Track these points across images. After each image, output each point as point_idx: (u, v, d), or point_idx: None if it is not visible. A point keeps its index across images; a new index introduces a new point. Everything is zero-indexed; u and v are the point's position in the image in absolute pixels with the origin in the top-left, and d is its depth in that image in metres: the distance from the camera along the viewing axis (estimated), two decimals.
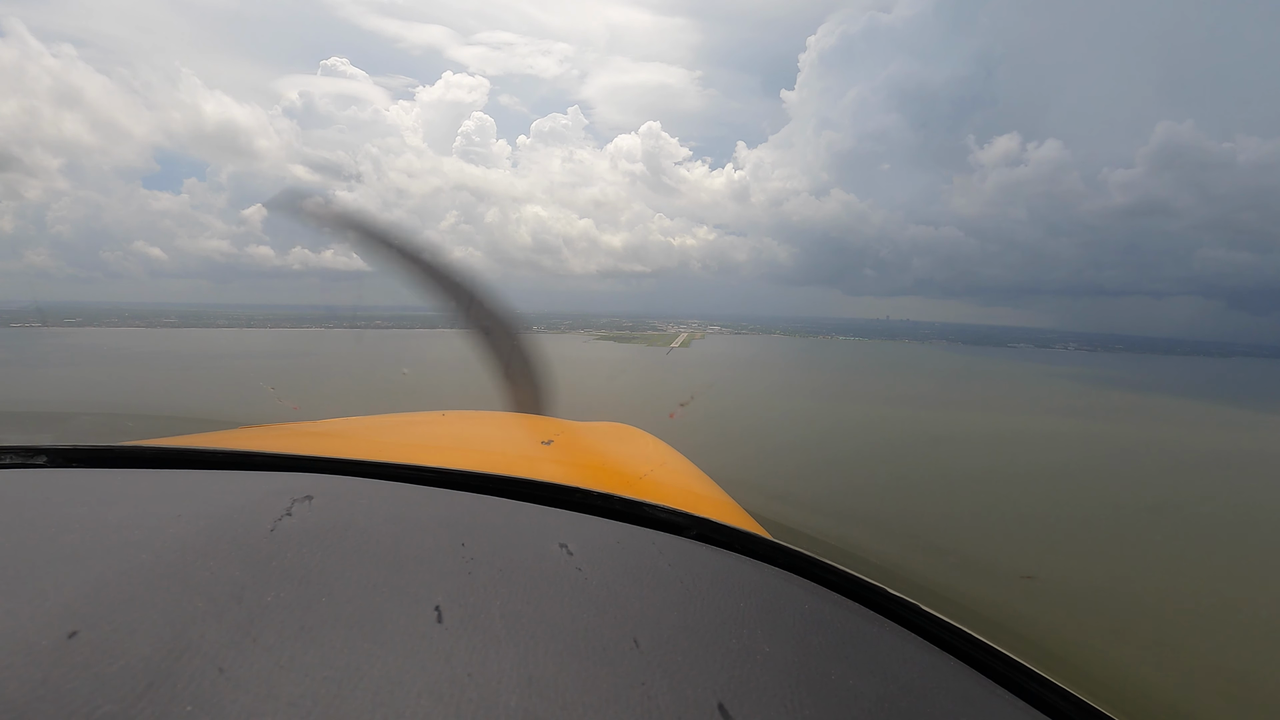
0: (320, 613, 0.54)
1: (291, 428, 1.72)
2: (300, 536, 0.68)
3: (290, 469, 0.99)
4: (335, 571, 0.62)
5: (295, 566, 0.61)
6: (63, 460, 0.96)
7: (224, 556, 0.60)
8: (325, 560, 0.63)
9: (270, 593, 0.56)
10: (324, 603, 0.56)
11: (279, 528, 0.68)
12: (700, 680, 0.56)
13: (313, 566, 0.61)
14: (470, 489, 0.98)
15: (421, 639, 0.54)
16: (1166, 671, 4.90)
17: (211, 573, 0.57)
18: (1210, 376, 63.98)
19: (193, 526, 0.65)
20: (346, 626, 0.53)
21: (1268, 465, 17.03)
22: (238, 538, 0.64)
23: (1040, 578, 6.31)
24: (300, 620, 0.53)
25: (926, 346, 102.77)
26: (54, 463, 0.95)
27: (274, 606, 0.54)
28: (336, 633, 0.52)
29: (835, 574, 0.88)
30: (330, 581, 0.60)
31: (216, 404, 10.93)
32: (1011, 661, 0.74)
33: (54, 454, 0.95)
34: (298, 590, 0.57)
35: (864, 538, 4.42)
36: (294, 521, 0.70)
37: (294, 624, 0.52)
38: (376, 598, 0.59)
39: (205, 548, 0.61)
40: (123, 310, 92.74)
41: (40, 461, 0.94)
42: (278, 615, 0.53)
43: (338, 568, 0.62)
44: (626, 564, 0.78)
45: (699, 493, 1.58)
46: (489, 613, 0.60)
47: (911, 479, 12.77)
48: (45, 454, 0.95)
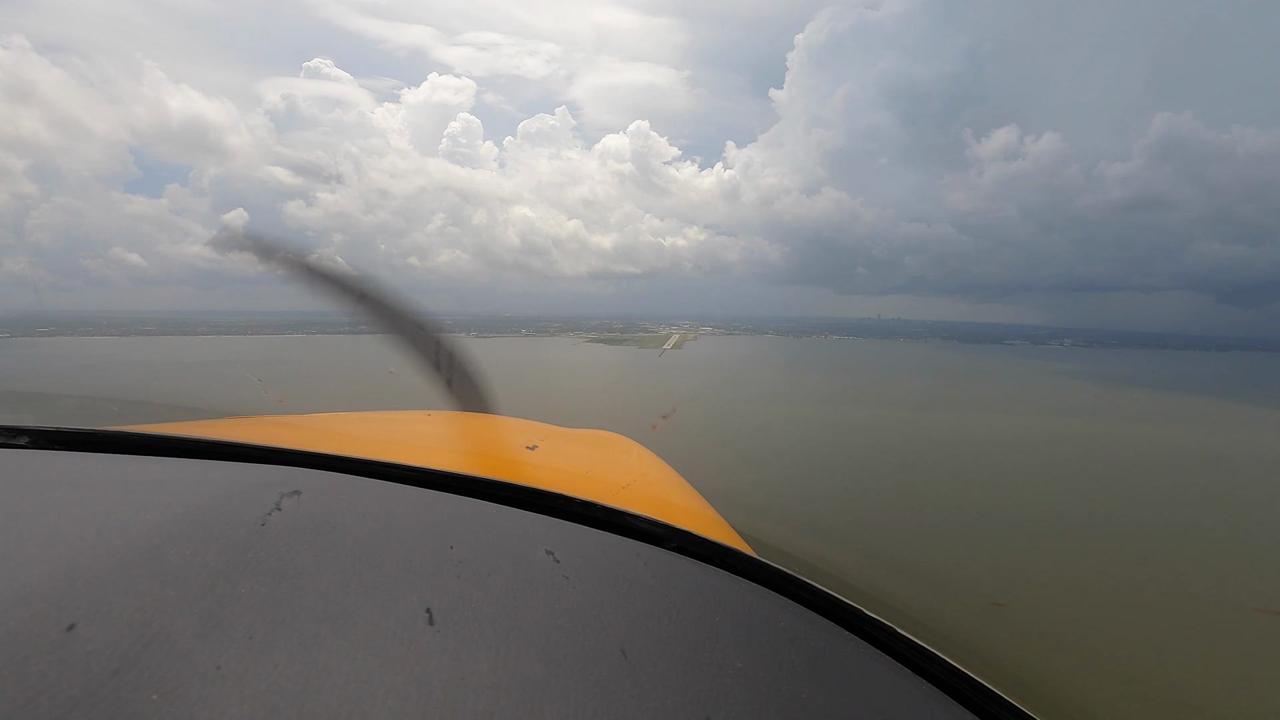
0: (294, 607, 0.54)
1: (278, 420, 1.71)
2: (283, 531, 0.66)
3: (276, 461, 0.98)
4: (314, 567, 0.61)
5: (273, 560, 0.60)
6: (45, 442, 0.95)
7: (201, 546, 0.59)
8: (305, 555, 0.62)
9: (244, 584, 0.55)
10: (300, 597, 0.55)
11: (269, 522, 0.67)
12: (677, 693, 0.56)
13: (290, 560, 0.61)
14: (458, 491, 0.98)
15: (398, 639, 0.53)
16: (1138, 705, 4.95)
17: (186, 561, 0.56)
18: (1223, 373, 63.43)
19: (171, 514, 0.65)
20: (321, 622, 0.53)
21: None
22: (216, 528, 0.63)
23: (1009, 605, 6.43)
24: (273, 614, 0.52)
25: (923, 345, 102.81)
26: (36, 444, 0.94)
27: (247, 598, 0.53)
28: (309, 628, 0.52)
29: (811, 592, 0.89)
30: (308, 576, 0.59)
31: (202, 396, 10.85)
32: (980, 686, 0.75)
33: (36, 435, 0.95)
34: (273, 584, 0.56)
35: (844, 556, 4.60)
36: (281, 516, 0.70)
37: (266, 617, 0.52)
38: (354, 595, 0.58)
39: (181, 536, 0.60)
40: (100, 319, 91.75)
41: (22, 442, 0.94)
42: (250, 607, 0.52)
43: (317, 563, 0.62)
44: (611, 574, 0.77)
45: (681, 504, 1.57)
46: (472, 616, 0.59)
47: (900, 491, 12.61)
48: (28, 434, 0.95)
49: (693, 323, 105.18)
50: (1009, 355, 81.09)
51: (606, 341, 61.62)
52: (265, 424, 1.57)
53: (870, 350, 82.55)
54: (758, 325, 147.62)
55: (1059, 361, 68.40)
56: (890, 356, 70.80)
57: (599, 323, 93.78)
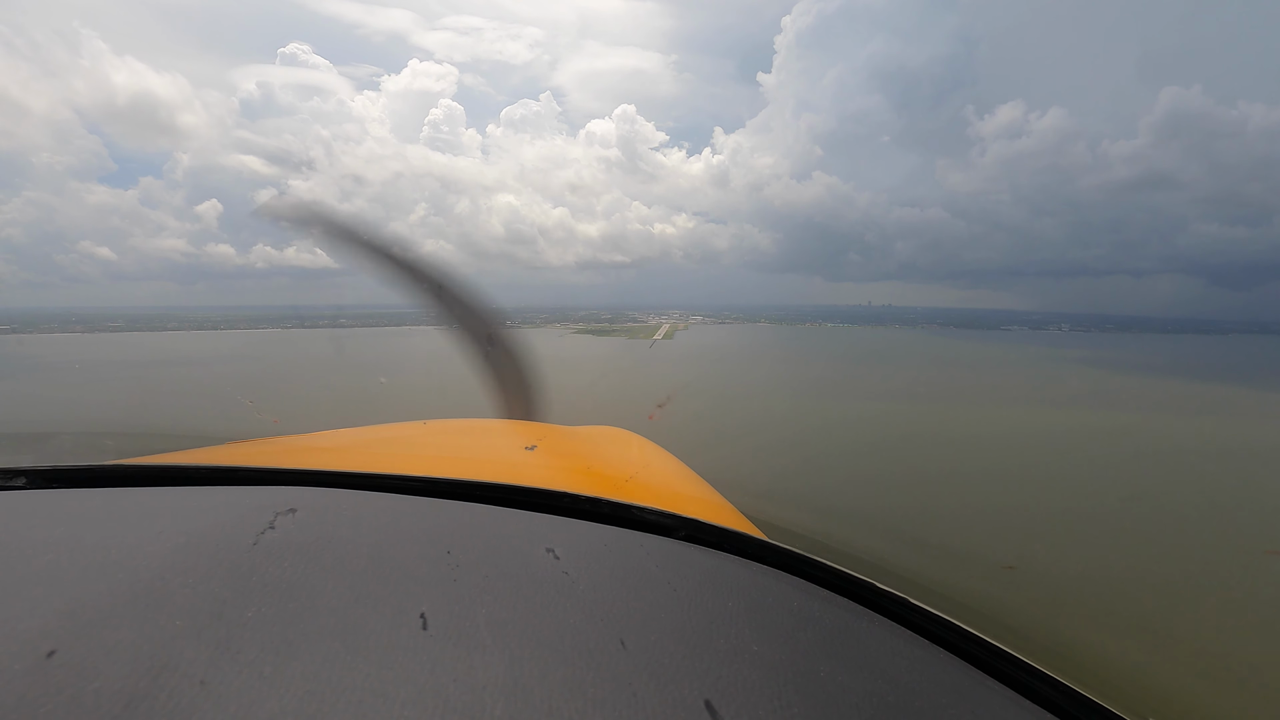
0: (302, 626, 0.55)
1: (274, 442, 1.72)
2: (283, 550, 0.67)
3: (273, 483, 0.99)
4: (318, 584, 0.62)
5: (277, 580, 0.61)
6: (42, 481, 0.96)
7: (204, 573, 0.61)
8: (308, 573, 0.64)
9: (251, 608, 0.56)
10: (306, 616, 0.57)
11: (261, 541, 0.68)
12: (687, 680, 0.57)
13: (295, 580, 0.62)
14: (456, 497, 0.99)
15: (406, 649, 0.54)
16: (1150, 655, 4.88)
17: (191, 590, 0.57)
18: (1238, 358, 62.83)
19: (172, 544, 0.66)
20: (329, 639, 0.54)
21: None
22: (219, 554, 0.65)
23: (1020, 567, 6.39)
24: (282, 634, 0.53)
25: (921, 331, 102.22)
26: (33, 484, 0.95)
27: (255, 622, 0.54)
28: (319, 645, 0.53)
29: (824, 570, 0.90)
30: (313, 594, 0.60)
31: (189, 418, 10.86)
32: (997, 650, 0.77)
33: (33, 475, 0.96)
34: (279, 604, 0.58)
35: (853, 533, 4.71)
36: (277, 535, 0.71)
37: (275, 638, 0.53)
38: (360, 609, 0.59)
39: (185, 565, 0.62)
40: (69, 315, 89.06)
41: (20, 483, 0.94)
42: (258, 630, 0.53)
43: (321, 580, 0.63)
44: (614, 567, 0.79)
45: (687, 493, 1.59)
46: (475, 620, 0.61)
47: (910, 473, 12.48)
48: (24, 475, 0.95)
49: (682, 312, 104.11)
50: (1010, 340, 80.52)
51: (595, 332, 60.30)
52: (262, 447, 1.58)
53: (870, 337, 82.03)
54: (749, 314, 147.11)
55: (1063, 347, 67.72)
56: (892, 343, 70.07)
57: (587, 313, 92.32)
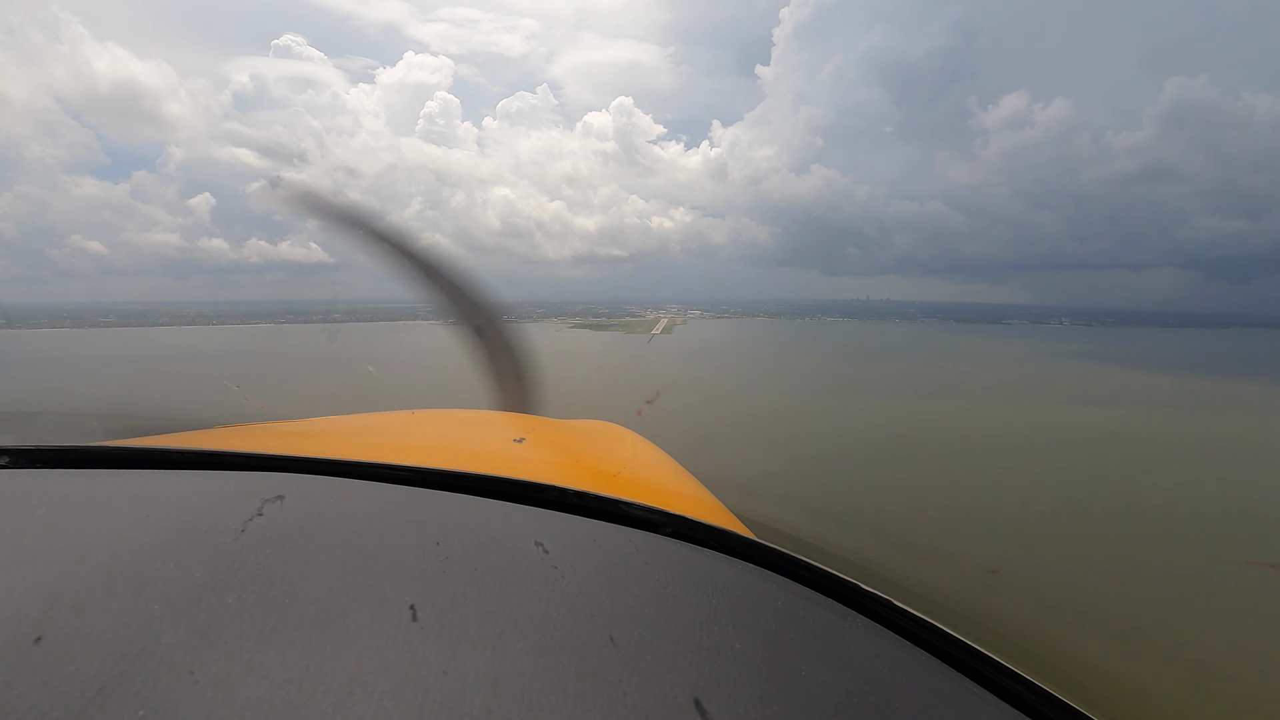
0: (284, 614, 0.54)
1: (262, 427, 1.70)
2: (268, 537, 0.67)
3: (261, 468, 0.98)
4: (302, 572, 0.61)
5: (260, 568, 0.61)
6: (25, 461, 0.95)
7: (186, 559, 0.60)
8: (292, 561, 0.63)
9: (232, 595, 0.56)
10: (288, 604, 0.56)
11: (249, 528, 0.68)
12: (673, 677, 0.57)
13: (278, 568, 0.61)
14: (445, 488, 0.98)
15: (390, 640, 0.54)
16: (1129, 661, 4.89)
17: (172, 575, 0.57)
18: (1243, 351, 62.26)
19: (155, 528, 0.65)
20: (311, 628, 0.53)
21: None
22: (202, 539, 0.64)
23: (1004, 571, 6.41)
24: (262, 622, 0.53)
25: (922, 326, 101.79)
26: (16, 464, 0.94)
27: (235, 609, 0.54)
28: (299, 634, 0.52)
29: (809, 570, 0.90)
30: (296, 582, 0.60)
31: (179, 404, 10.45)
32: (978, 653, 0.77)
33: (16, 454, 0.95)
34: (261, 592, 0.57)
35: (840, 534, 4.69)
36: (265, 522, 0.70)
37: (255, 626, 0.52)
38: (344, 598, 0.59)
39: (167, 550, 0.61)
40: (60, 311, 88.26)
41: (2, 462, 0.93)
42: (238, 617, 0.53)
43: (305, 568, 0.62)
44: (602, 562, 0.79)
45: (676, 489, 1.59)
46: (461, 612, 0.60)
47: (900, 474, 12.51)
48: (7, 454, 0.94)
49: (680, 306, 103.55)
50: (1011, 335, 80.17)
51: (592, 327, 59.79)
52: (249, 432, 1.56)
53: (868, 332, 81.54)
54: (746, 308, 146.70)
55: (1065, 341, 67.39)
56: (891, 338, 69.54)
57: (584, 307, 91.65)
